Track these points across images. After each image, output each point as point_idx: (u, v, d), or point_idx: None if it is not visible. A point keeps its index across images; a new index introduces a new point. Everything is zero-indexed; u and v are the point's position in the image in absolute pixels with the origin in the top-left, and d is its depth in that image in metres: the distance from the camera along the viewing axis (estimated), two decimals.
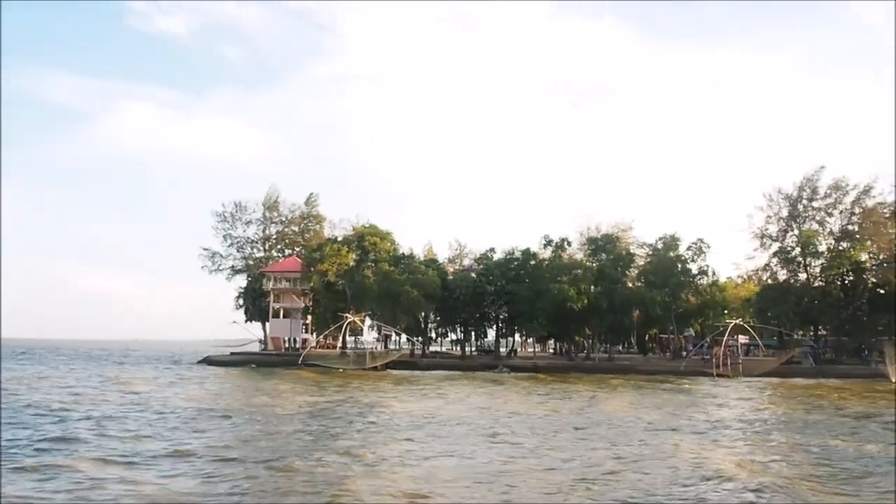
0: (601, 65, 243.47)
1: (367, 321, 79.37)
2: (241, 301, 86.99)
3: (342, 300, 75.30)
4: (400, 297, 72.83)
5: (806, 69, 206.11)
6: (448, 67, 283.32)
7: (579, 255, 79.92)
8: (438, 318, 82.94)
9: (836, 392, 44.23)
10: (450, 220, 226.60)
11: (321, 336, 78.32)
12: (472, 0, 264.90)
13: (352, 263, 75.95)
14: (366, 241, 77.29)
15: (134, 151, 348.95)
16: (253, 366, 70.22)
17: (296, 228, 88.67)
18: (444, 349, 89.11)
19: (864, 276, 71.90)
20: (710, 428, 26.47)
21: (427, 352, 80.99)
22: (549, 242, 79.70)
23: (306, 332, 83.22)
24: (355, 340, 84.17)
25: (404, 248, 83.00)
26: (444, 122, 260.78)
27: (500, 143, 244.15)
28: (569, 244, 79.94)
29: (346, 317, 71.15)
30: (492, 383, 50.84)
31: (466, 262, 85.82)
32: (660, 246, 77.18)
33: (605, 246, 77.49)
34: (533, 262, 78.64)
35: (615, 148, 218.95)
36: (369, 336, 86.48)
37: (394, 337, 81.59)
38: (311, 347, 76.64)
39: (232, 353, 79.33)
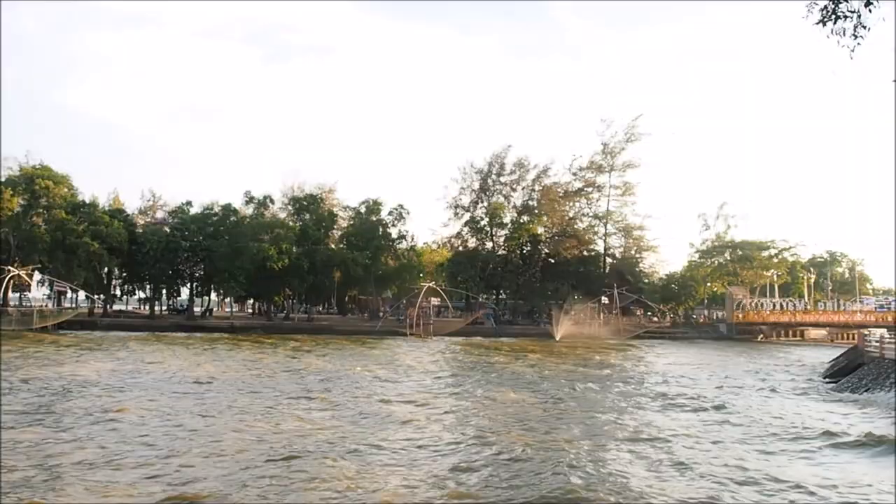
0: (312, 23, 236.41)
1: (37, 276, 70.10)
2: None
3: (4, 251, 65.80)
4: (77, 250, 66.13)
5: (502, 54, 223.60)
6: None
7: (282, 215, 78.50)
8: (125, 275, 76.21)
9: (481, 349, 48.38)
10: (146, 169, 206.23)
11: None
12: None
13: (17, 209, 66.51)
14: (36, 184, 67.83)
15: None
16: None
17: None
18: (130, 308, 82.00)
19: (540, 247, 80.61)
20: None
21: (110, 311, 74.14)
22: (251, 199, 77.43)
23: None
24: (20, 297, 74.10)
25: (86, 196, 74.47)
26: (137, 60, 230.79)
27: (202, 90, 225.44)
28: (272, 202, 78.43)
29: (9, 270, 62.27)
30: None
31: (160, 214, 79.44)
32: (363, 209, 78.72)
33: (308, 206, 77.20)
34: (234, 219, 75.83)
35: (324, 108, 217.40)
36: (39, 293, 76.61)
37: (70, 294, 73.07)
38: None
39: None
